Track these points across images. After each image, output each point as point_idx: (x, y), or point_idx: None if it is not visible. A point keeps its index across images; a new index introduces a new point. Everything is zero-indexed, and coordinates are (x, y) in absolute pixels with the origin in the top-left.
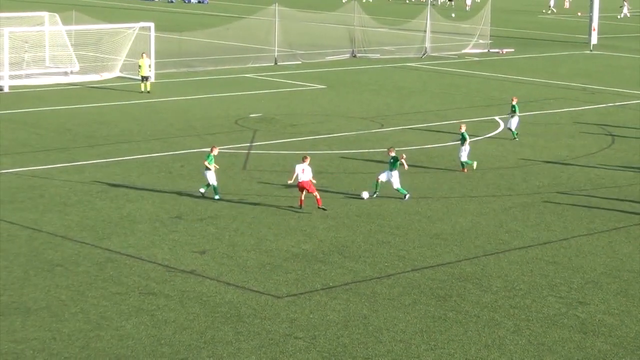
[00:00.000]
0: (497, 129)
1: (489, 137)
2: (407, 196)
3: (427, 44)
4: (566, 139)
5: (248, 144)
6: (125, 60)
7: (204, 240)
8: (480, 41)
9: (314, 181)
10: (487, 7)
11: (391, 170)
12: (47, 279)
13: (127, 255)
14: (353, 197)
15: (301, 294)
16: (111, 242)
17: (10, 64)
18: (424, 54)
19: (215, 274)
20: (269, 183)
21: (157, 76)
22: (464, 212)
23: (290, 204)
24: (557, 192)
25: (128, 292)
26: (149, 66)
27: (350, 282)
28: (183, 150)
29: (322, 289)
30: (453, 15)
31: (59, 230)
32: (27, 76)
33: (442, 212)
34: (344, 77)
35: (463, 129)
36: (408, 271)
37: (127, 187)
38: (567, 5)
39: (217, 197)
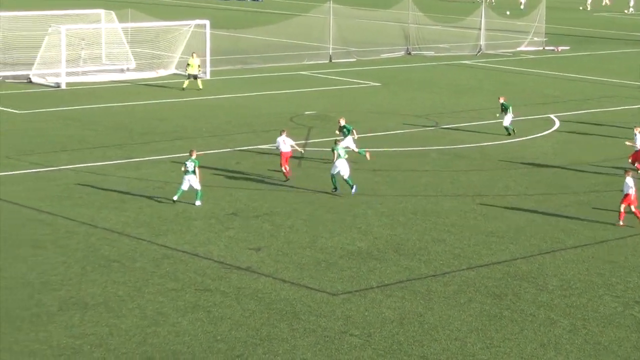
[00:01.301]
0: (552, 126)
1: (543, 135)
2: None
3: (482, 42)
4: (621, 137)
5: (303, 141)
6: (180, 58)
7: (260, 237)
8: (535, 39)
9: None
10: (542, 5)
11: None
12: (104, 274)
13: (183, 251)
14: (408, 195)
15: (356, 291)
16: (167, 238)
17: (67, 61)
18: (478, 52)
19: (270, 271)
20: (324, 180)
21: (212, 73)
22: (520, 210)
23: (346, 201)
24: (613, 191)
25: (184, 288)
26: (199, 65)
27: (406, 280)
28: (239, 147)
29: (378, 287)
30: (508, 12)
31: (115, 227)
32: (84, 73)
33: (498, 210)
34: (399, 74)
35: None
36: (463, 269)
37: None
38: (607, 2)
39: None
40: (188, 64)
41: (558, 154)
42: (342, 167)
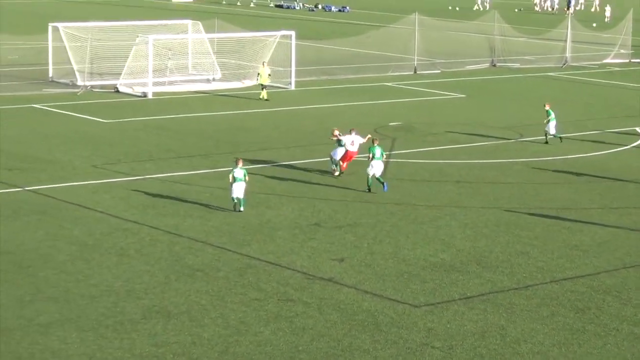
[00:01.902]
0: (638, 140)
1: (630, 147)
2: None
3: (568, 54)
4: None
5: (387, 153)
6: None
7: (343, 248)
8: (622, 51)
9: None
10: (629, 17)
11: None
12: (187, 283)
13: (266, 261)
14: (491, 207)
15: (438, 303)
16: (251, 248)
17: (154, 71)
18: (564, 64)
19: (353, 282)
20: (408, 192)
21: (297, 84)
22: (604, 224)
23: (429, 212)
24: None
25: (267, 298)
26: (269, 75)
27: (488, 293)
28: (323, 157)
29: (460, 299)
30: (594, 24)
31: (199, 236)
32: (171, 83)
33: (582, 224)
34: (484, 86)
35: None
36: (546, 282)
37: (267, 193)
38: None
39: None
40: (259, 74)
41: None
42: (377, 168)
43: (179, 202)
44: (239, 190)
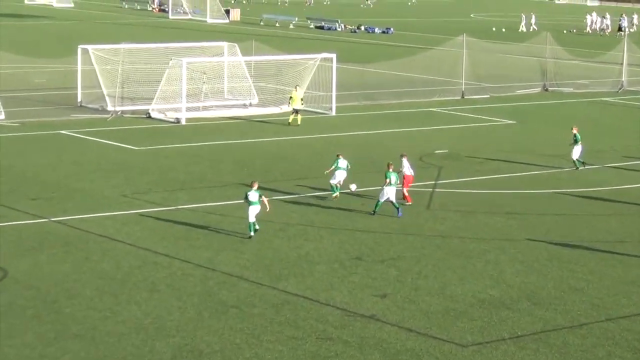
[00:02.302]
0: None
1: None
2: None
3: (624, 78)
4: None
5: (433, 182)
6: (306, 92)
7: (385, 283)
8: None
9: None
10: None
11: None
12: (221, 320)
13: (304, 297)
14: (543, 241)
15: (487, 342)
16: (288, 283)
17: (188, 95)
18: (620, 89)
19: (396, 320)
20: (454, 223)
21: (338, 109)
22: None
23: (477, 246)
24: None
25: (304, 336)
26: (302, 99)
27: (540, 332)
28: (363, 187)
29: (510, 338)
30: None
31: (234, 270)
32: (205, 108)
33: (639, 258)
34: (535, 112)
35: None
36: (602, 321)
37: (305, 225)
38: None
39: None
40: (291, 97)
41: None
42: (391, 193)
43: (212, 234)
44: (252, 214)
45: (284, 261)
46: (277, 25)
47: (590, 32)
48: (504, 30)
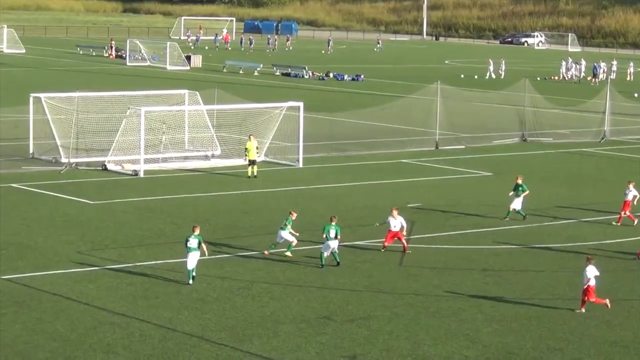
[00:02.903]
0: None
1: None
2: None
3: (606, 127)
4: None
5: (405, 237)
6: (271, 143)
7: (355, 344)
8: None
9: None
10: None
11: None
12: None
13: (270, 359)
14: (521, 299)
15: None
16: (252, 344)
17: (147, 146)
18: (602, 138)
19: None
20: (428, 281)
21: (305, 161)
22: None
23: (452, 304)
24: None
25: None
26: (257, 148)
27: None
28: None
29: None
30: (636, 94)
31: (195, 330)
32: (164, 160)
33: (622, 317)
34: (513, 163)
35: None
36: None
37: (270, 282)
38: None
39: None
40: (246, 149)
41: None
42: (334, 245)
43: (172, 292)
44: (192, 261)
45: (248, 321)
46: (241, 72)
47: (566, 78)
48: (476, 77)
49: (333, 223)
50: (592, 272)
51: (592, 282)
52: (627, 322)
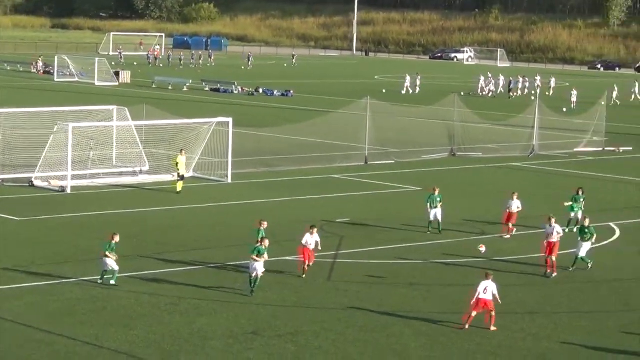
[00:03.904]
0: (612, 236)
1: (603, 245)
2: None
3: (535, 142)
4: None
5: (334, 252)
6: (200, 159)
7: (282, 359)
8: (595, 138)
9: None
10: (602, 102)
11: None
12: None
13: None
14: (449, 313)
15: None
16: None
17: (74, 162)
18: (531, 153)
19: None
20: (356, 295)
21: (234, 176)
22: (574, 330)
23: (380, 319)
24: None
25: None
26: (185, 164)
27: None
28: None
29: None
30: (564, 109)
31: (122, 347)
32: (92, 176)
33: (550, 329)
34: (442, 178)
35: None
36: None
37: (198, 299)
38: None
39: (113, 282)
40: (177, 163)
41: (619, 267)
42: (260, 268)
43: (99, 309)
44: (109, 263)
45: (175, 337)
46: (170, 88)
47: (488, 94)
48: (384, 91)
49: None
50: (485, 285)
51: (483, 296)
52: (554, 334)
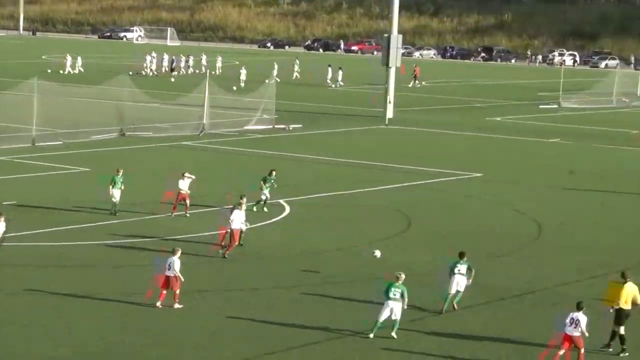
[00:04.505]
0: (282, 213)
1: (273, 222)
2: None
3: (205, 120)
4: (360, 223)
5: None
6: None
7: None
8: (265, 116)
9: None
10: (272, 79)
11: None
12: None
13: None
14: (117, 293)
15: None
16: None
17: None
18: (201, 132)
19: None
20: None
21: None
22: (245, 306)
23: (50, 301)
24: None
25: None
26: None
27: None
28: None
29: None
30: (234, 88)
31: None
32: None
33: (220, 306)
34: (112, 158)
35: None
36: None
37: None
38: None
39: None
40: None
41: (288, 243)
42: None
43: None
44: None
45: None
46: None
47: (150, 73)
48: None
49: None
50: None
51: (168, 272)
52: (224, 310)
